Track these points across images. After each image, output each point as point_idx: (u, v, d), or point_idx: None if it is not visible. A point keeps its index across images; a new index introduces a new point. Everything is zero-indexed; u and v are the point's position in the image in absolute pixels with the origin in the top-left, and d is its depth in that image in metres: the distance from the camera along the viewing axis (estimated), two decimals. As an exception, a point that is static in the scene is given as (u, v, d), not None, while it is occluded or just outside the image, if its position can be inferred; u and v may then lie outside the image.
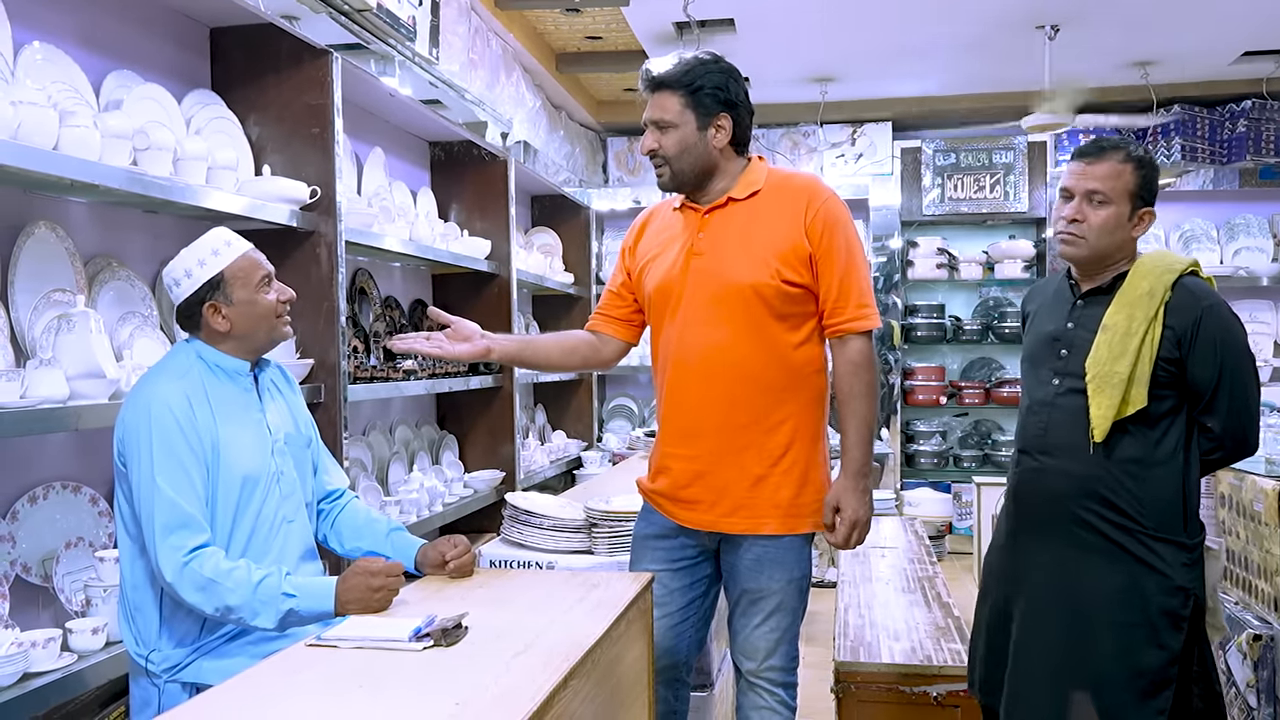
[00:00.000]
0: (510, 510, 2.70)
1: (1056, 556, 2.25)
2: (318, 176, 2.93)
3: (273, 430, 2.11)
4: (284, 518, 2.09)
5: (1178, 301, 2.15)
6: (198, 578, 1.86)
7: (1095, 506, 2.18)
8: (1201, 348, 2.14)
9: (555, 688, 1.50)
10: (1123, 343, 2.15)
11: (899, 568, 3.87)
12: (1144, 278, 2.19)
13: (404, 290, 4.32)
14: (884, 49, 5.43)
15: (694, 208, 2.36)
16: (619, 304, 2.51)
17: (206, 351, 2.05)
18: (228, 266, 2.04)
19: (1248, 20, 4.98)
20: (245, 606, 1.88)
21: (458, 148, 4.53)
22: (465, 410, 4.57)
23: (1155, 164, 2.27)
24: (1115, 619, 2.16)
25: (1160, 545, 2.15)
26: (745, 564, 2.31)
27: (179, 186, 2.38)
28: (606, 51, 5.58)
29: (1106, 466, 2.18)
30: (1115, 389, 2.15)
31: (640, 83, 2.34)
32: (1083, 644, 2.20)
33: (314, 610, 1.91)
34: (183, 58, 2.87)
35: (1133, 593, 2.15)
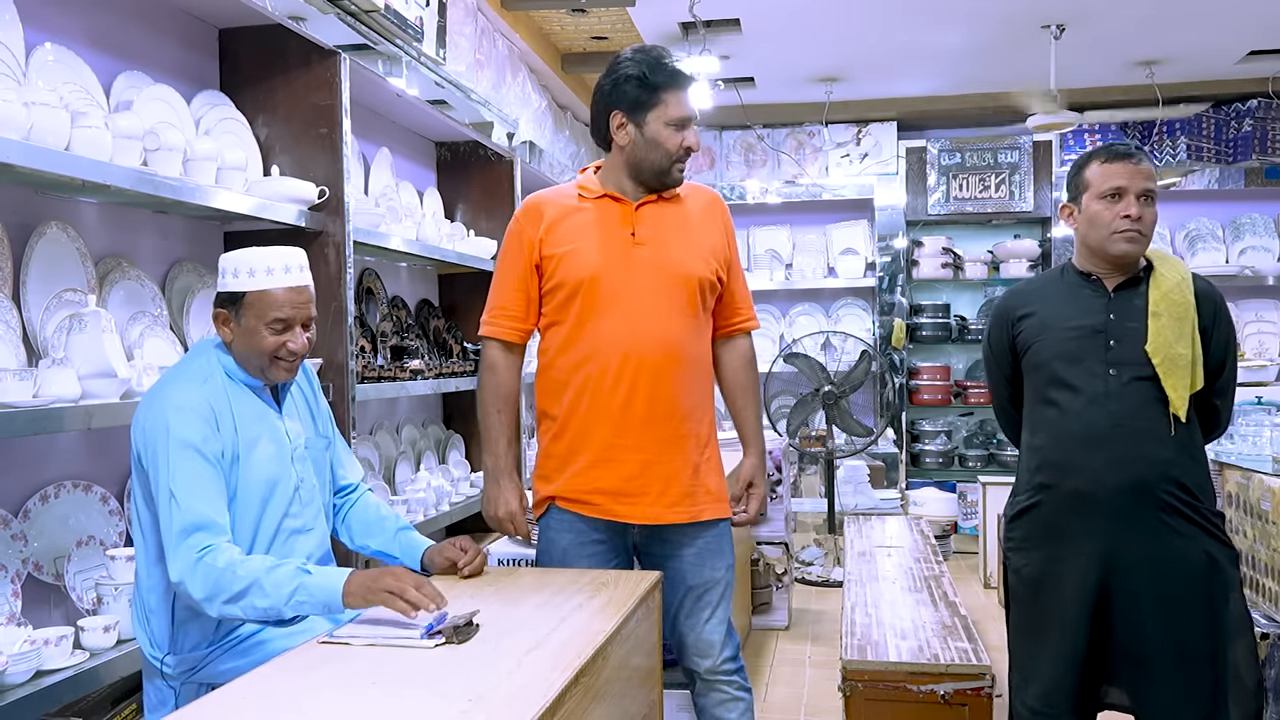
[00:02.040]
0: (518, 509, 2.70)
1: (1147, 543, 2.30)
2: (326, 177, 2.93)
3: (292, 438, 2.10)
4: (303, 525, 2.08)
5: (1201, 290, 2.34)
6: (209, 570, 1.82)
7: (1173, 489, 2.29)
8: (1220, 333, 2.34)
9: (567, 685, 1.50)
10: (1179, 326, 2.29)
11: (905, 567, 3.88)
12: (1171, 269, 2.36)
13: (410, 290, 4.33)
14: (889, 49, 5.43)
15: (616, 199, 2.36)
16: (525, 304, 2.39)
17: (224, 358, 2.04)
18: (252, 292, 1.99)
19: (1254, 19, 4.98)
20: (255, 587, 1.81)
21: (464, 148, 4.54)
22: (471, 410, 4.57)
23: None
24: (1208, 593, 2.28)
25: (1216, 517, 2.33)
26: (688, 559, 2.35)
27: (189, 187, 2.39)
28: (612, 52, 5.59)
29: (1174, 449, 2.30)
30: (1184, 370, 2.28)
31: (673, 78, 2.31)
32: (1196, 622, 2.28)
33: (322, 601, 1.85)
34: (192, 59, 2.88)
35: (1214, 565, 2.29)
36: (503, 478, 2.41)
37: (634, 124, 2.30)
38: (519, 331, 2.41)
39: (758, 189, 6.48)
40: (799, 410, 5.54)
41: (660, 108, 2.29)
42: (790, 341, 6.26)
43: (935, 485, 6.69)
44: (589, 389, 2.31)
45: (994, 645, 4.55)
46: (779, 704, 3.72)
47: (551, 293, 2.35)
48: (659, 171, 2.34)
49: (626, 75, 2.30)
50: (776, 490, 4.80)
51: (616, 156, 2.37)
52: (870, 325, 6.63)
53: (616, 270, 2.30)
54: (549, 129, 5.61)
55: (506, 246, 2.42)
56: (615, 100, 2.32)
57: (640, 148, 2.31)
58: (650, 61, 2.29)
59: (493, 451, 2.42)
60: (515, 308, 2.39)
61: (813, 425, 5.83)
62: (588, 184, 2.40)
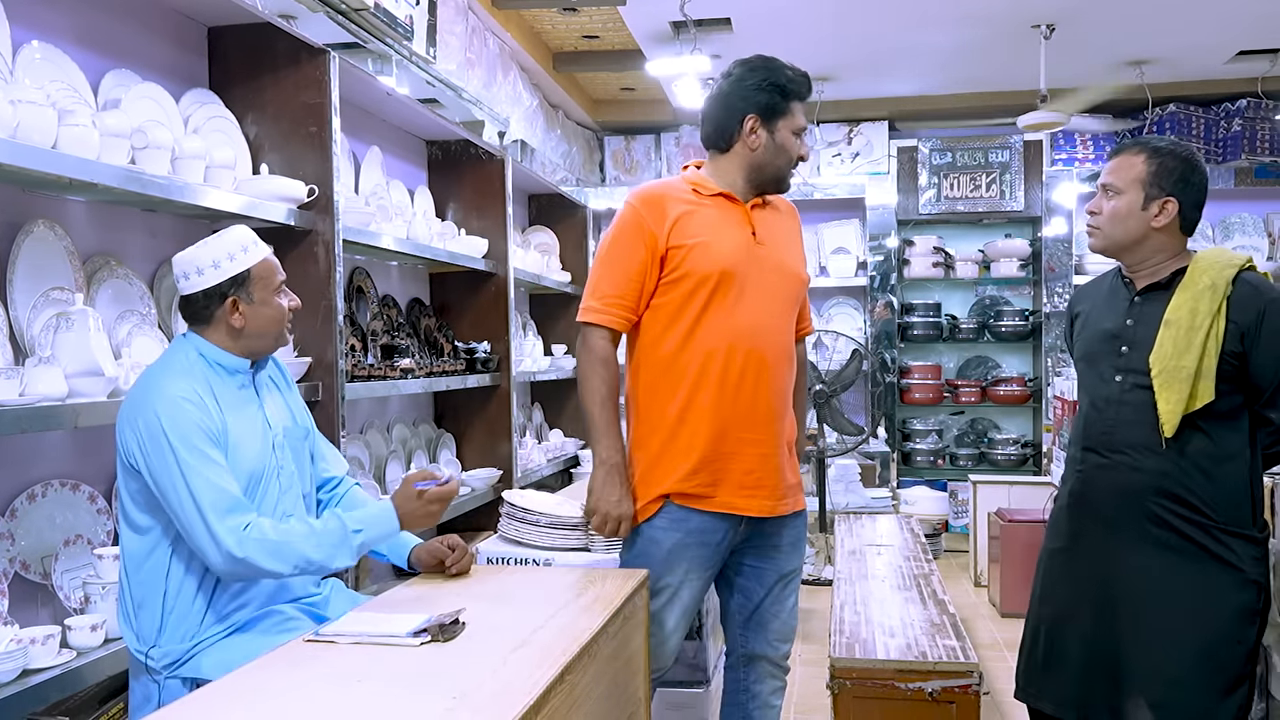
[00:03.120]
0: (508, 508, 2.71)
1: (1132, 555, 2.26)
2: (315, 175, 2.93)
3: (272, 425, 2.12)
4: (283, 512, 2.10)
5: (1240, 295, 2.17)
6: (266, 543, 1.89)
7: (1168, 503, 2.21)
8: (1266, 341, 2.16)
9: (552, 682, 1.51)
10: (1187, 337, 2.17)
11: (895, 565, 3.89)
12: (1204, 272, 2.21)
13: (401, 289, 4.33)
14: (880, 48, 5.44)
15: (731, 199, 2.41)
16: (638, 294, 2.38)
17: (206, 348, 2.06)
18: (255, 265, 2.07)
19: (1243, 20, 5.00)
20: (320, 551, 1.94)
21: (455, 147, 4.53)
22: (462, 409, 4.58)
23: (1182, 155, 2.28)
24: (1194, 615, 2.19)
25: (1232, 540, 2.18)
26: (787, 545, 2.44)
27: (177, 185, 2.39)
28: (603, 51, 5.60)
29: (1178, 462, 2.20)
30: (1183, 383, 2.16)
31: (804, 90, 2.42)
32: (1165, 641, 2.21)
33: (383, 533, 2.03)
34: (180, 57, 2.88)
35: (1209, 588, 2.19)
36: (621, 474, 2.35)
37: (766, 129, 2.38)
38: (629, 321, 2.38)
39: (749, 188, 6.50)
40: (790, 409, 5.54)
41: (790, 116, 2.39)
42: (782, 340, 6.27)
43: (926, 484, 6.71)
44: (711, 382, 2.32)
45: (983, 644, 4.57)
46: (769, 702, 3.73)
47: (675, 283, 2.35)
48: (780, 177, 2.43)
49: (767, 82, 2.37)
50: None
51: (736, 158, 2.41)
52: (862, 324, 6.64)
53: (743, 267, 2.35)
54: (540, 128, 5.61)
55: (620, 235, 2.39)
56: (751, 105, 2.37)
57: (769, 152, 2.39)
58: (784, 71, 2.39)
59: (611, 445, 2.35)
60: (629, 297, 2.36)
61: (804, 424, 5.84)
62: (702, 181, 2.42)
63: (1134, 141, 2.33)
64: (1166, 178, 2.25)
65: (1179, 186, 2.25)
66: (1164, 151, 2.27)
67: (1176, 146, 2.30)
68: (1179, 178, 2.26)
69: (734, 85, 2.40)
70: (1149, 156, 2.27)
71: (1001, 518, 5.11)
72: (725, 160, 2.43)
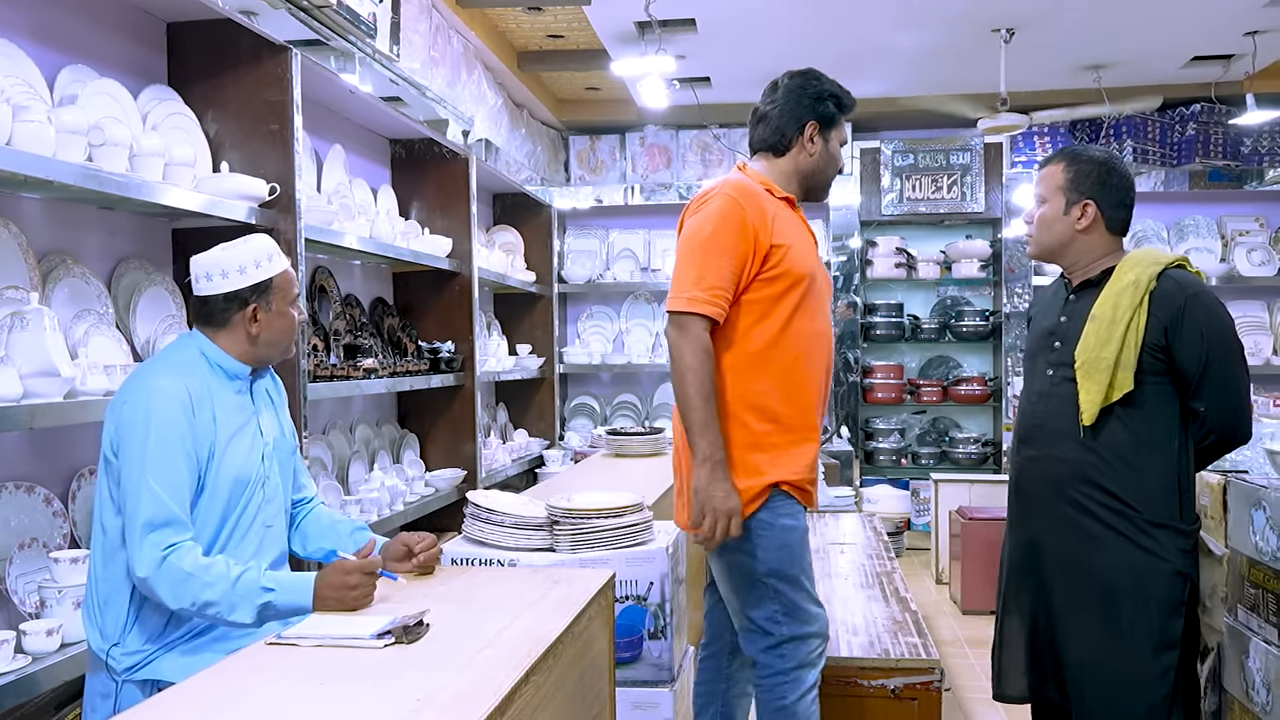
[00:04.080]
0: (472, 508, 2.69)
1: (1062, 544, 2.35)
2: (277, 173, 2.91)
3: (265, 435, 2.12)
4: (264, 522, 2.09)
5: (1163, 290, 2.26)
6: (176, 572, 1.86)
7: (1091, 492, 2.29)
8: (1187, 333, 2.23)
9: (517, 683, 1.50)
10: (1109, 330, 2.26)
11: (858, 564, 3.92)
12: (1130, 269, 2.30)
13: (364, 288, 4.30)
14: (843, 50, 5.48)
15: (793, 203, 2.49)
16: (735, 288, 2.35)
17: (211, 349, 2.05)
18: (277, 275, 2.09)
19: (1196, 26, 5.10)
20: (223, 601, 1.87)
21: (419, 145, 4.51)
22: (427, 409, 4.56)
23: (1099, 160, 2.40)
24: (1119, 605, 2.26)
25: (1158, 531, 2.25)
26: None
27: (135, 183, 2.36)
28: (568, 50, 5.59)
29: (1098, 451, 2.28)
30: (1103, 374, 2.25)
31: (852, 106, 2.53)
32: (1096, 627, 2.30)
33: (292, 604, 1.90)
34: (139, 52, 2.84)
35: (1134, 579, 2.25)
36: (725, 469, 2.31)
37: (823, 138, 2.47)
38: (725, 314, 2.35)
39: (714, 188, 6.51)
40: (754, 409, 5.57)
41: (840, 129, 2.51)
42: (746, 340, 6.30)
43: (889, 483, 6.77)
44: (803, 379, 2.37)
45: (944, 640, 4.62)
46: (733, 700, 3.74)
47: (771, 281, 2.35)
48: (827, 185, 2.55)
49: (827, 93, 2.47)
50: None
51: (790, 163, 2.48)
52: (825, 324, 6.69)
53: (817, 270, 2.44)
54: (505, 127, 5.59)
55: (724, 229, 2.33)
56: (813, 112, 2.45)
57: (822, 159, 2.49)
58: (838, 86, 2.50)
59: (715, 441, 2.29)
60: (730, 290, 2.33)
61: (768, 423, 5.87)
62: (770, 184, 2.45)
63: (1057, 152, 2.46)
64: (1084, 182, 2.37)
65: (1096, 189, 2.37)
66: (1081, 158, 2.40)
67: (1094, 152, 2.41)
68: (1095, 180, 2.37)
69: (796, 92, 2.46)
70: (1067, 164, 2.40)
71: (962, 516, 5.17)
72: (781, 164, 2.48)
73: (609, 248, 6.85)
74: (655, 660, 2.68)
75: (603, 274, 6.67)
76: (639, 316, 6.82)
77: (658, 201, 6.55)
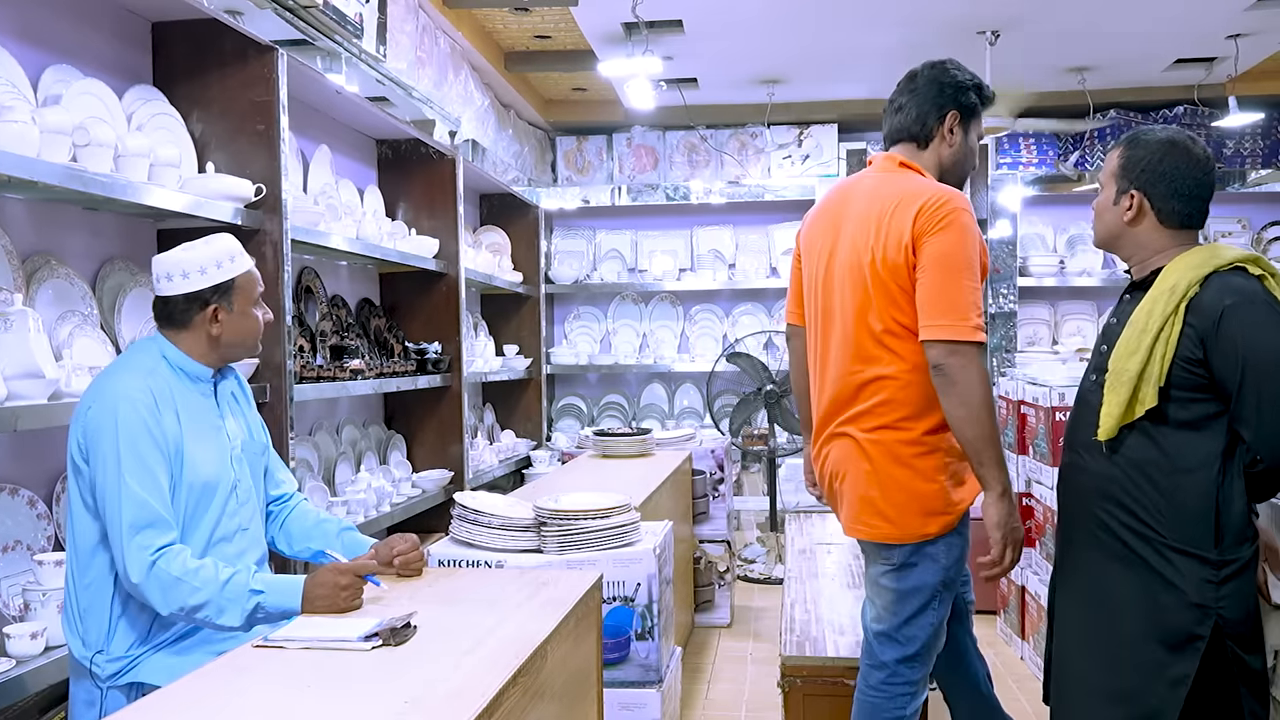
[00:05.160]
0: (459, 510, 2.70)
1: (1082, 557, 2.18)
2: (263, 174, 2.90)
3: (231, 438, 2.11)
4: (239, 525, 2.08)
5: (1203, 298, 2.00)
6: (165, 576, 1.86)
7: (1113, 509, 2.09)
8: (1223, 347, 1.97)
9: (504, 685, 1.51)
10: (1138, 339, 2.03)
11: (844, 563, 3.93)
12: (1174, 272, 2.06)
13: (351, 289, 4.29)
14: (830, 52, 5.49)
15: None
16: None
17: (172, 352, 2.04)
18: (240, 275, 2.08)
19: (1179, 30, 5.13)
20: (212, 604, 1.88)
21: (405, 146, 4.50)
22: (413, 410, 4.55)
23: (1153, 144, 2.14)
24: (1128, 631, 2.06)
25: (1179, 558, 2.01)
26: None
27: (120, 184, 2.35)
28: (555, 51, 5.58)
29: (1122, 468, 2.08)
30: (1124, 387, 2.04)
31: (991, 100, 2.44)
32: (1101, 652, 2.12)
33: (281, 606, 1.91)
34: (124, 52, 2.82)
35: (1146, 606, 2.04)
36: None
37: (963, 128, 2.39)
38: None
39: (701, 189, 6.51)
40: (741, 409, 5.58)
41: (979, 121, 2.43)
42: (733, 341, 6.30)
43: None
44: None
45: (931, 639, 4.64)
46: (721, 701, 3.75)
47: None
48: (962, 180, 2.42)
49: (972, 82, 2.39)
50: (719, 489, 4.83)
51: (932, 155, 2.39)
52: (812, 325, 6.70)
53: None
54: (492, 127, 5.59)
55: (972, 250, 2.25)
56: (955, 101, 2.37)
57: (961, 151, 2.40)
58: (978, 77, 2.42)
59: (1005, 471, 2.26)
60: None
61: (755, 424, 5.89)
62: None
63: (1129, 133, 2.20)
64: (1132, 170, 2.14)
65: (1143, 178, 2.12)
66: (1139, 142, 2.15)
67: (1156, 134, 2.15)
68: (1143, 169, 2.12)
69: (937, 81, 2.38)
70: (1124, 149, 2.16)
71: (948, 516, 5.18)
72: (924, 156, 2.39)
73: (596, 248, 6.85)
74: (643, 661, 2.69)
75: (590, 274, 6.67)
76: (626, 317, 6.82)
77: (645, 202, 6.55)
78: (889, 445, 2.29)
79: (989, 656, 2.88)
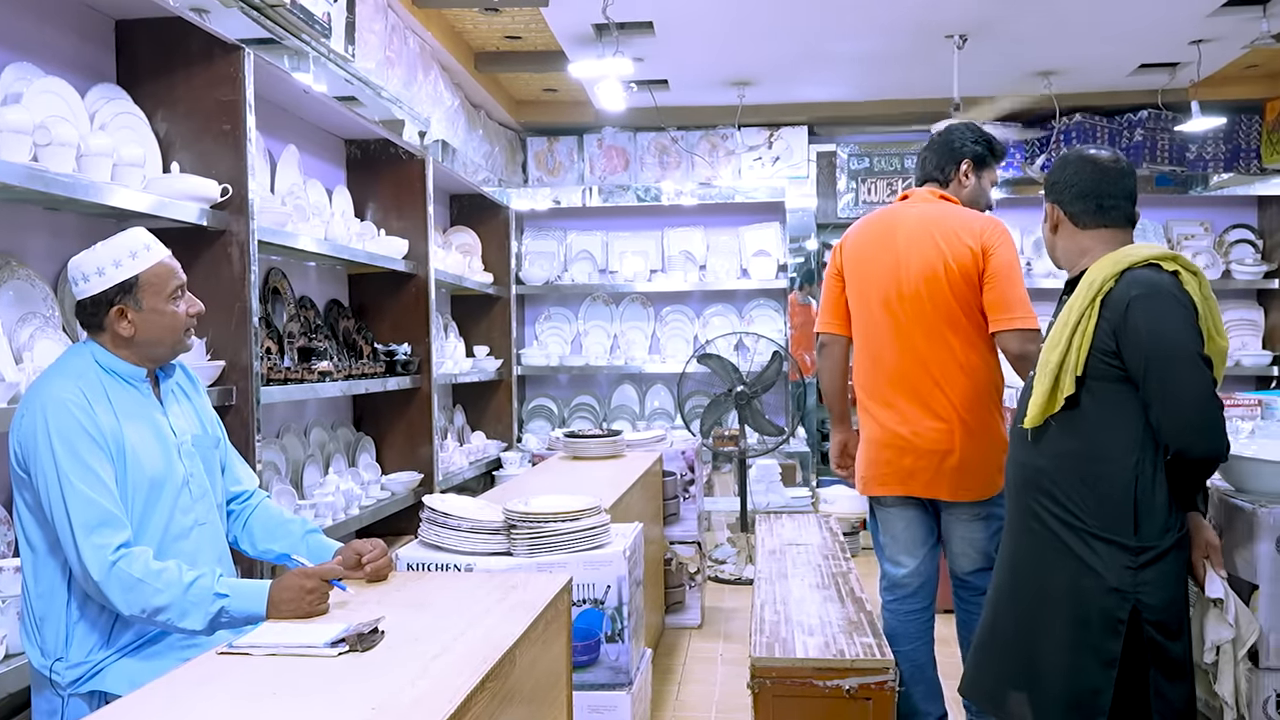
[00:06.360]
0: (428, 513, 2.68)
1: (1018, 546, 2.30)
2: (229, 174, 2.87)
3: (177, 433, 2.07)
4: (195, 521, 2.05)
5: (1114, 292, 2.13)
6: (126, 577, 1.83)
7: (1042, 499, 2.21)
8: (1130, 337, 2.09)
9: (473, 690, 1.50)
10: (1060, 332, 2.17)
11: (814, 564, 3.95)
12: (1094, 269, 2.19)
13: (319, 290, 4.25)
14: (800, 55, 5.51)
15: None
16: None
17: (101, 354, 2.00)
18: (144, 271, 2.00)
19: (1143, 35, 5.20)
20: (174, 607, 1.85)
21: (374, 146, 4.48)
22: (383, 411, 4.52)
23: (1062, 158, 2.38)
24: (1055, 618, 2.17)
25: (1101, 545, 2.11)
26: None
27: (82, 184, 2.32)
28: (526, 51, 5.57)
29: (1049, 458, 2.20)
30: (1048, 378, 2.16)
31: (1004, 153, 3.14)
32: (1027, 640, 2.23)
33: (246, 611, 1.88)
34: (87, 50, 2.79)
35: (1072, 592, 2.14)
36: None
37: (975, 175, 3.07)
38: None
39: (672, 190, 6.52)
40: (712, 410, 5.59)
41: (991, 170, 3.11)
42: (704, 342, 6.31)
43: (845, 483, 6.81)
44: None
45: (900, 639, 4.66)
46: (691, 701, 3.76)
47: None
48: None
49: (983, 138, 3.08)
50: (689, 490, 4.84)
51: (954, 194, 3.07)
52: (782, 326, 6.73)
53: None
54: (462, 128, 5.56)
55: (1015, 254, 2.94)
56: (967, 152, 3.06)
57: (973, 193, 3.07)
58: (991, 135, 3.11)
59: None
60: None
61: (726, 425, 5.90)
62: None
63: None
64: (1049, 186, 2.38)
65: (1054, 190, 2.35)
66: (1057, 163, 2.39)
67: (1068, 152, 2.39)
68: (1054, 182, 2.36)
69: (948, 141, 3.08)
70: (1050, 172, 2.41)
71: (917, 516, 5.21)
72: (946, 193, 3.05)
73: (567, 249, 6.83)
74: (613, 663, 2.69)
75: (561, 275, 6.66)
76: (597, 318, 6.82)
77: (616, 203, 6.55)
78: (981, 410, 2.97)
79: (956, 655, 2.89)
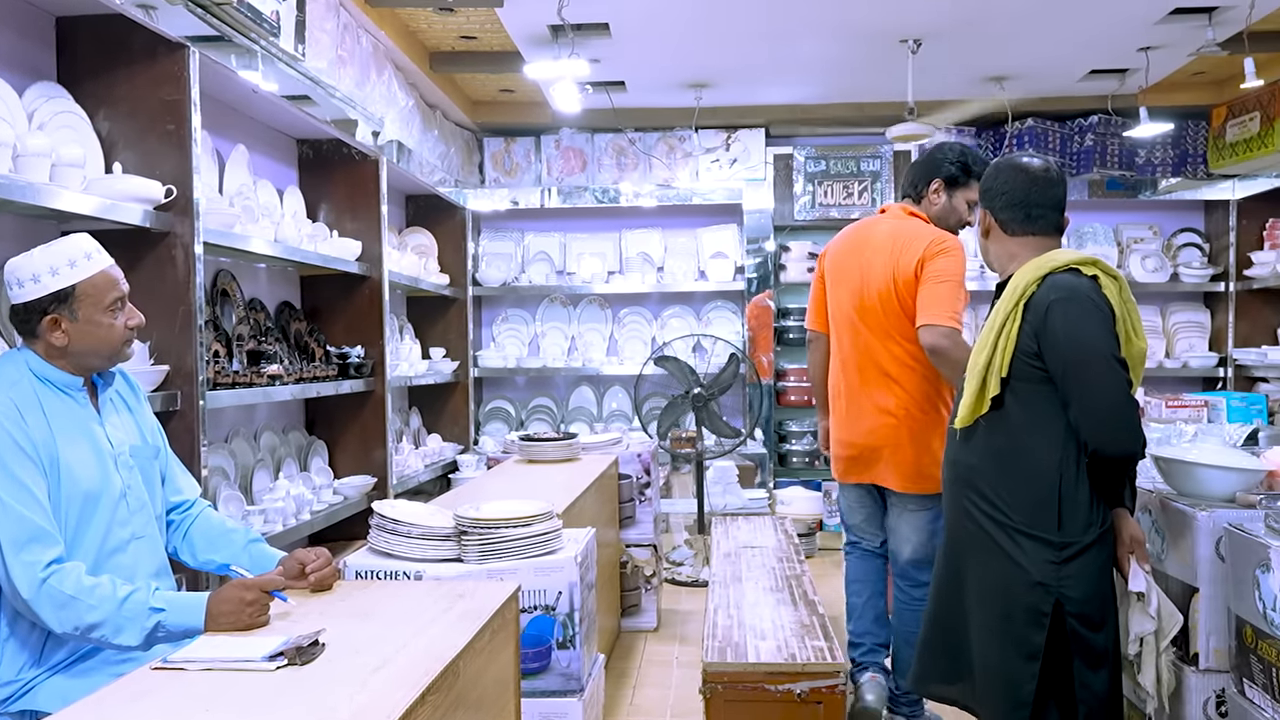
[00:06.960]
0: (377, 519, 2.65)
1: (951, 542, 2.42)
2: (174, 175, 2.82)
3: (114, 444, 2.02)
4: (132, 534, 2.01)
5: (1036, 295, 2.22)
6: (58, 595, 1.78)
7: (974, 497, 2.31)
8: (1049, 339, 2.17)
9: (413, 704, 1.48)
10: (986, 335, 2.28)
11: (768, 567, 3.96)
12: (1019, 274, 2.28)
13: (270, 292, 4.19)
14: (757, 58, 5.53)
15: None
16: None
17: (35, 362, 1.95)
18: (83, 281, 1.94)
19: (1093, 41, 5.27)
20: (108, 623, 1.80)
21: (327, 146, 4.42)
22: (336, 415, 4.47)
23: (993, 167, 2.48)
24: (986, 611, 2.29)
25: (1025, 540, 2.21)
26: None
27: (19, 185, 2.26)
28: (482, 52, 5.53)
29: (979, 456, 2.31)
30: (976, 379, 2.28)
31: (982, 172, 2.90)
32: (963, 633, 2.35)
33: (183, 625, 1.84)
34: (25, 48, 2.72)
35: (999, 587, 2.25)
36: None
37: (946, 194, 3.22)
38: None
39: (630, 192, 6.51)
40: (669, 412, 5.59)
41: (964, 189, 3.21)
42: (661, 344, 6.31)
43: (802, 484, 6.85)
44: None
45: (854, 640, 4.68)
46: (645, 706, 3.75)
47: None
48: (950, 230, 3.19)
49: (957, 160, 3.21)
50: (645, 493, 4.83)
51: (925, 210, 3.22)
52: (739, 328, 6.75)
53: None
54: (417, 128, 5.51)
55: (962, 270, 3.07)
56: (939, 172, 3.22)
57: (943, 210, 3.22)
58: (968, 157, 3.22)
59: None
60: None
61: (683, 427, 5.90)
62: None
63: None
64: (982, 191, 2.49)
65: (986, 197, 2.45)
66: (990, 170, 2.48)
67: (999, 160, 2.48)
68: (986, 189, 2.46)
69: (930, 158, 3.24)
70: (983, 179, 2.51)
71: (872, 517, 5.25)
72: (919, 209, 3.22)
73: (524, 250, 6.80)
74: (564, 670, 2.67)
75: (518, 277, 6.63)
76: (554, 320, 6.79)
77: (574, 204, 6.53)
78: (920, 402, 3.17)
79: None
